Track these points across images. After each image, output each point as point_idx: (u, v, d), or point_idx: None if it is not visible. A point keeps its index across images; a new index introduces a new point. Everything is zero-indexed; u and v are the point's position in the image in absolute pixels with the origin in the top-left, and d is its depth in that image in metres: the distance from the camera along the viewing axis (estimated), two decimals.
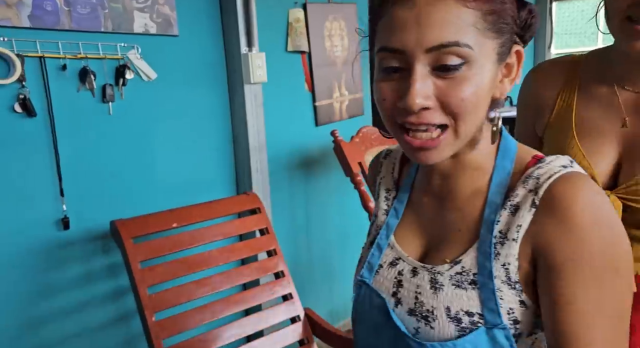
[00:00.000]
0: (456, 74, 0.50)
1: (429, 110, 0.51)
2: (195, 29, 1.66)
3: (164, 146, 1.61)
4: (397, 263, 0.64)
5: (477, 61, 0.51)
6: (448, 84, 0.50)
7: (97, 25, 1.37)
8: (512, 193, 0.55)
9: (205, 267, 1.48)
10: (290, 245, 2.08)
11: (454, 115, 0.52)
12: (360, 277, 0.67)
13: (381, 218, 0.71)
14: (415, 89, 0.50)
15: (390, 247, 0.66)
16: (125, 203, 1.51)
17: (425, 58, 0.50)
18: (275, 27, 1.93)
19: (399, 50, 0.51)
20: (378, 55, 0.54)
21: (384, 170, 0.74)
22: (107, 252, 1.50)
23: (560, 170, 0.53)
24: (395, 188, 0.72)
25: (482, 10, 0.50)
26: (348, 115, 2.32)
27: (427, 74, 0.51)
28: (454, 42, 0.49)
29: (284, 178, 2.03)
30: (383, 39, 0.53)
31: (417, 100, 0.50)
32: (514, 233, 0.54)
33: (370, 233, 0.73)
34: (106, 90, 1.41)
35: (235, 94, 1.79)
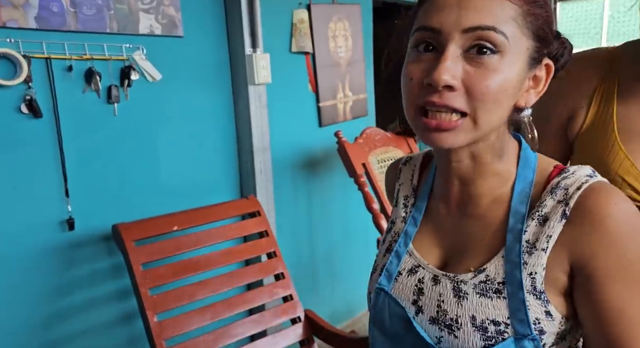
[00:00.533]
0: (486, 60, 0.51)
1: (453, 92, 0.51)
2: (200, 30, 1.66)
3: (169, 147, 1.62)
4: (417, 271, 0.64)
5: (509, 54, 0.51)
6: (476, 71, 0.51)
7: (103, 26, 1.37)
8: (539, 204, 0.55)
9: (206, 269, 1.49)
10: (294, 246, 2.08)
11: (476, 102, 0.51)
12: (378, 284, 0.67)
13: (399, 226, 0.70)
14: (445, 65, 0.50)
15: (409, 254, 0.66)
16: (130, 204, 1.52)
17: (460, 39, 0.51)
18: (280, 28, 1.93)
19: (435, 29, 0.52)
20: (413, 38, 0.54)
21: (402, 177, 0.74)
22: (112, 253, 1.50)
23: (588, 180, 0.54)
24: (413, 195, 0.71)
25: (524, 8, 0.52)
26: (352, 116, 2.32)
27: (458, 57, 0.51)
28: (492, 26, 0.50)
29: (287, 179, 2.04)
30: (421, 20, 0.54)
31: (444, 76, 0.50)
32: (543, 244, 0.54)
33: (385, 240, 0.72)
34: (111, 91, 1.41)
35: (240, 95, 1.79)
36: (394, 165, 0.77)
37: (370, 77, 2.43)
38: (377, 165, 2.02)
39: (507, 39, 0.50)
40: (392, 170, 0.77)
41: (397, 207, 0.72)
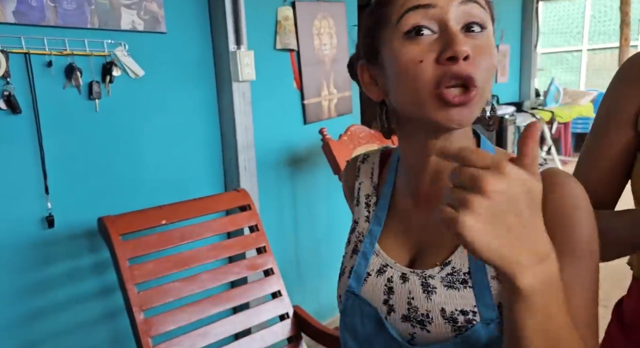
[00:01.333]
0: (480, 36, 0.53)
1: (468, 62, 0.51)
2: (184, 27, 1.65)
3: (152, 143, 1.61)
4: (385, 271, 0.64)
5: (488, 30, 0.55)
6: (476, 44, 0.52)
7: (84, 22, 1.36)
8: None
9: (194, 265, 1.47)
10: (278, 243, 2.08)
11: (482, 73, 0.52)
12: (348, 287, 0.66)
13: (363, 226, 0.70)
14: (460, 37, 0.51)
15: (376, 254, 0.66)
16: (113, 200, 1.51)
17: (456, 12, 0.52)
18: (264, 25, 1.93)
19: (431, 5, 0.52)
20: (402, 20, 0.53)
21: (362, 175, 0.73)
22: (94, 250, 1.49)
23: (540, 167, 0.56)
24: (375, 193, 0.71)
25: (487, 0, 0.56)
26: (337, 114, 2.33)
27: (460, 31, 0.52)
28: (478, 1, 0.53)
29: (272, 176, 2.04)
30: (408, 3, 0.53)
31: (464, 46, 0.50)
32: None
33: (350, 241, 0.72)
34: (92, 87, 1.40)
35: (224, 92, 1.78)
36: (352, 163, 0.76)
37: None
38: None
39: (488, 13, 0.55)
40: (351, 168, 0.76)
41: (359, 206, 0.71)
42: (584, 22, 8.21)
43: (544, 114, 3.94)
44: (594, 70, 8.12)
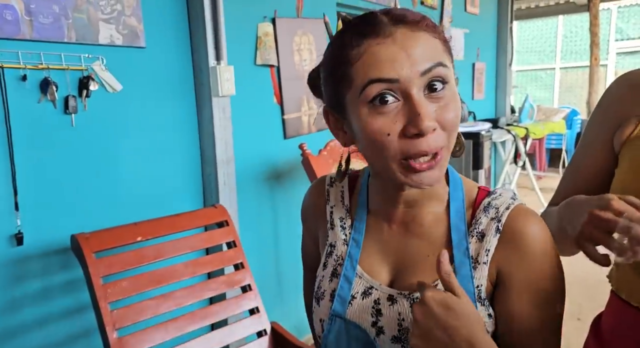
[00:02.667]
0: (442, 94, 0.55)
1: (434, 133, 0.54)
2: (163, 41, 1.65)
3: (129, 159, 1.59)
4: (370, 293, 0.64)
5: (451, 82, 0.56)
6: (441, 106, 0.55)
7: (60, 36, 1.35)
8: (475, 221, 0.62)
9: (171, 282, 1.45)
10: (258, 258, 2.06)
11: (449, 132, 0.56)
12: (332, 311, 0.66)
13: (341, 249, 0.69)
14: (425, 111, 0.53)
15: (359, 276, 0.66)
16: (88, 217, 1.48)
17: (420, 82, 0.54)
18: (244, 40, 1.94)
19: (393, 79, 0.53)
20: (367, 91, 0.54)
21: (332, 199, 0.73)
22: (67, 268, 1.45)
23: (513, 202, 0.61)
24: (349, 216, 0.71)
25: (443, 39, 0.57)
26: (317, 129, 2.35)
27: (424, 98, 0.54)
28: (440, 62, 0.54)
29: (251, 191, 2.03)
30: (371, 73, 0.54)
31: (429, 122, 0.53)
32: (483, 257, 0.60)
33: (327, 264, 0.71)
34: (69, 102, 1.38)
35: (203, 107, 1.78)
36: (318, 188, 0.76)
37: None
38: None
39: (448, 69, 0.56)
40: (317, 193, 0.76)
41: (335, 229, 0.71)
42: (557, 42, 8.51)
43: (519, 130, 4.05)
44: (567, 87, 8.40)
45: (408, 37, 0.54)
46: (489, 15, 4.19)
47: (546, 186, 5.32)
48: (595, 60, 6.00)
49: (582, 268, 0.70)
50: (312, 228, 0.78)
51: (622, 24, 7.96)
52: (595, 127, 0.81)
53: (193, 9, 1.72)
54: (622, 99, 0.77)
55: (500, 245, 0.59)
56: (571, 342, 1.00)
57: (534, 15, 6.17)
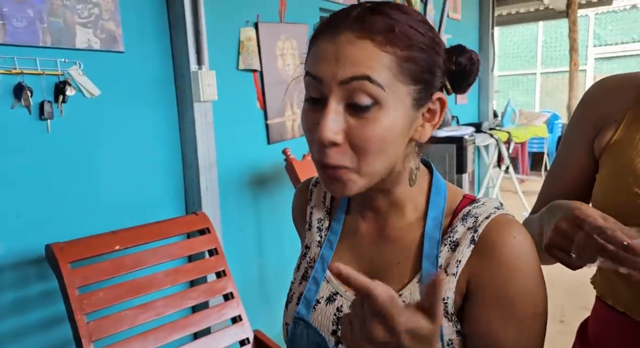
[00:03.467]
0: (367, 115, 0.52)
1: (338, 148, 0.53)
2: (143, 46, 1.62)
3: (108, 165, 1.55)
4: (334, 299, 0.63)
5: (388, 103, 0.52)
6: (358, 123, 0.52)
7: (35, 40, 1.31)
8: (451, 230, 0.58)
9: (150, 291, 1.42)
10: (241, 265, 2.04)
11: (359, 155, 0.53)
12: (297, 314, 0.65)
13: (315, 251, 0.69)
14: (327, 123, 0.51)
15: (327, 280, 0.65)
16: (64, 226, 1.44)
17: (340, 91, 0.52)
18: (227, 45, 1.93)
19: (318, 78, 0.53)
20: (304, 80, 0.56)
21: (314, 199, 0.72)
22: (42, 278, 1.41)
23: (495, 211, 0.57)
24: (327, 218, 0.70)
25: (397, 55, 0.52)
26: (300, 134, 2.33)
27: (341, 110, 0.52)
28: (366, 76, 0.50)
29: (235, 197, 2.01)
30: (308, 65, 0.55)
31: (326, 133, 0.51)
32: (453, 269, 0.56)
33: (299, 267, 0.70)
34: (44, 107, 1.35)
35: (185, 112, 1.76)
36: (304, 187, 0.76)
37: None
38: None
39: (383, 89, 0.51)
40: (302, 192, 0.75)
41: (311, 230, 0.71)
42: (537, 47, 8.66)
43: (502, 134, 4.09)
44: (547, 92, 8.55)
45: (348, 43, 0.51)
46: (471, 21, 4.25)
47: (529, 189, 5.40)
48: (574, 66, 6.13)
49: (563, 269, 0.68)
50: (300, 232, 0.78)
51: (600, 30, 8.15)
52: (575, 132, 0.81)
53: (174, 13, 1.70)
54: (599, 105, 0.77)
55: (474, 256, 0.56)
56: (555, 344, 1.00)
57: (514, 21, 6.27)
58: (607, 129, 0.75)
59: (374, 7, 0.54)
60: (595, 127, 0.77)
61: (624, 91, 0.75)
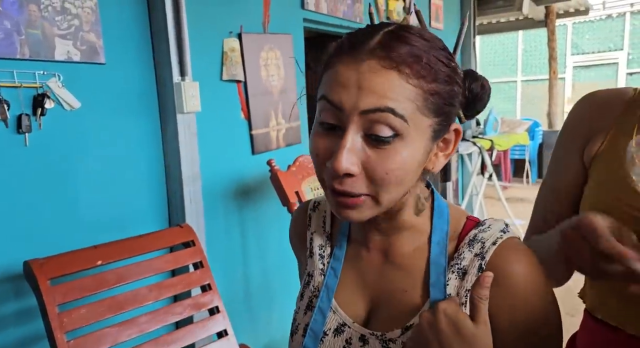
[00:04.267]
0: (387, 146, 0.50)
1: (354, 178, 0.51)
2: (124, 57, 1.61)
3: (89, 179, 1.52)
4: (343, 331, 0.61)
5: (409, 136, 0.51)
6: (377, 155, 0.51)
7: (12, 52, 1.28)
8: (457, 256, 0.57)
9: (133, 307, 1.39)
10: (226, 278, 2.01)
11: (377, 186, 0.52)
12: (303, 347, 0.63)
13: (318, 279, 0.67)
14: (343, 154, 0.50)
15: (333, 311, 0.63)
16: (44, 242, 1.40)
17: (360, 120, 0.50)
18: (210, 56, 1.92)
19: (337, 105, 0.51)
20: (319, 103, 0.54)
21: (314, 225, 0.70)
22: (20, 295, 1.37)
23: (502, 235, 0.56)
24: (329, 243, 0.68)
25: (424, 89, 0.50)
26: (285, 144, 2.33)
27: (359, 140, 0.51)
28: (390, 108, 0.49)
29: (219, 209, 1.98)
30: (325, 89, 0.53)
31: (343, 165, 0.50)
32: (462, 298, 0.56)
33: (304, 295, 0.68)
34: (22, 121, 1.32)
35: (168, 124, 1.74)
36: (301, 212, 0.74)
37: (303, 105, 2.47)
38: (311, 193, 2.03)
39: (406, 122, 0.50)
40: (301, 218, 0.73)
41: (313, 257, 0.68)
42: (517, 56, 8.84)
43: (484, 142, 4.15)
44: (528, 99, 8.72)
45: (373, 71, 0.49)
46: (452, 30, 4.31)
47: (512, 196, 5.47)
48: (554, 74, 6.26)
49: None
50: (299, 256, 0.75)
51: (577, 39, 8.36)
52: (565, 146, 0.83)
53: (156, 24, 1.68)
54: (587, 118, 0.80)
55: None
56: None
57: (495, 30, 6.40)
58: (595, 140, 0.77)
59: (396, 33, 0.52)
60: (584, 140, 0.79)
61: (611, 105, 0.77)
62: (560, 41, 7.28)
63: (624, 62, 7.90)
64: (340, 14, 2.68)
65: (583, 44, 8.31)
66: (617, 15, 7.92)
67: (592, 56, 8.19)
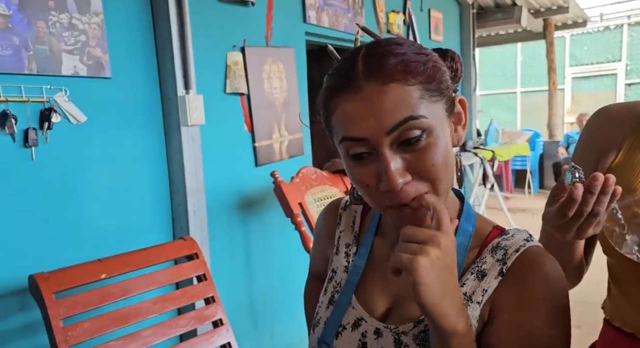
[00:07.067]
0: (420, 145, 0.53)
1: (409, 183, 0.53)
2: (130, 71, 1.63)
3: (94, 192, 1.53)
4: (360, 324, 0.63)
5: (434, 126, 0.53)
6: (416, 155, 0.53)
7: (20, 67, 1.30)
8: (479, 260, 0.59)
9: (137, 320, 1.38)
10: (230, 290, 2.01)
11: (430, 179, 0.54)
12: (321, 337, 0.65)
13: (341, 276, 0.69)
14: (391, 170, 0.52)
15: (352, 307, 0.65)
16: (49, 255, 1.40)
17: (388, 138, 0.52)
18: (214, 69, 1.94)
19: (362, 139, 0.53)
20: (343, 145, 0.55)
21: (343, 223, 0.73)
22: (24, 309, 1.36)
23: (525, 243, 0.58)
24: (355, 243, 0.71)
25: (422, 82, 0.53)
26: (288, 156, 2.34)
27: (394, 152, 0.53)
28: (409, 117, 0.51)
29: (223, 221, 1.99)
30: (343, 130, 0.54)
31: (397, 181, 0.52)
32: (479, 297, 0.57)
33: (326, 290, 0.71)
34: (29, 135, 1.33)
35: (172, 137, 1.75)
36: (333, 209, 0.76)
37: (305, 117, 2.48)
38: (314, 204, 2.03)
39: (427, 118, 0.53)
40: (331, 214, 0.76)
41: (339, 255, 0.71)
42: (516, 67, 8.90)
43: (486, 153, 4.16)
44: (528, 110, 8.76)
45: (376, 93, 0.51)
46: (452, 42, 4.35)
47: (514, 207, 5.46)
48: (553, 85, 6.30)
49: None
50: (321, 246, 0.79)
51: (576, 50, 8.43)
52: (580, 158, 0.86)
53: (161, 38, 1.71)
54: (601, 132, 0.83)
55: (501, 287, 0.56)
56: None
57: (494, 42, 6.46)
58: (609, 154, 0.80)
59: (371, 52, 0.54)
60: (599, 153, 0.82)
61: (622, 119, 0.80)
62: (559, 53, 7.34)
63: (622, 73, 7.96)
64: (341, 27, 2.71)
65: (581, 56, 8.37)
66: (615, 27, 8.00)
67: (591, 67, 8.25)
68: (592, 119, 0.85)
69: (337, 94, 0.54)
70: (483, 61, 8.85)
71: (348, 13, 2.76)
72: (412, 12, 3.51)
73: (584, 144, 0.86)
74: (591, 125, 0.85)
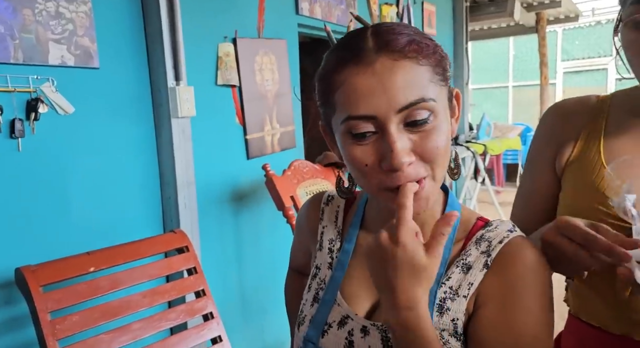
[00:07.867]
0: (425, 127, 0.53)
1: (412, 164, 0.53)
2: (119, 62, 1.60)
3: (82, 184, 1.51)
4: (346, 322, 0.62)
5: (439, 109, 0.54)
6: (421, 136, 0.53)
7: (5, 57, 1.27)
8: (464, 252, 0.59)
9: (126, 314, 1.37)
10: (221, 283, 2.00)
11: (432, 163, 0.54)
12: (306, 336, 0.64)
13: (325, 272, 0.68)
14: (398, 148, 0.51)
15: (338, 304, 0.64)
16: (36, 248, 1.38)
17: (397, 118, 0.52)
18: (205, 60, 1.91)
19: (369, 116, 0.52)
20: (344, 125, 0.54)
21: (326, 219, 0.72)
22: (11, 303, 1.35)
23: (509, 234, 0.58)
24: (339, 238, 0.69)
25: (432, 64, 0.53)
26: (280, 148, 2.33)
27: (401, 131, 0.52)
28: (421, 98, 0.51)
29: (214, 214, 1.98)
30: (349, 108, 0.53)
31: (402, 159, 0.51)
32: (464, 290, 0.57)
33: (310, 287, 0.69)
34: (15, 125, 1.30)
35: (162, 129, 1.73)
36: (314, 204, 0.74)
37: (297, 110, 2.47)
38: (306, 197, 2.02)
39: (435, 101, 0.53)
40: (313, 208, 0.74)
41: (322, 251, 0.70)
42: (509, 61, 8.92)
43: (477, 146, 4.18)
44: (520, 105, 8.79)
45: (388, 68, 0.51)
46: (445, 36, 4.35)
47: (505, 200, 5.50)
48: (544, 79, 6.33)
49: None
50: (303, 241, 0.77)
51: (567, 45, 8.46)
52: (536, 157, 0.85)
53: (151, 28, 1.68)
54: (556, 127, 0.82)
55: (486, 279, 0.56)
56: None
57: (486, 36, 6.46)
58: (566, 147, 0.79)
59: (380, 29, 0.54)
60: (555, 148, 0.81)
61: (577, 113, 0.80)
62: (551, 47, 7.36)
63: (613, 68, 8.01)
64: (334, 19, 2.69)
65: (573, 50, 8.41)
66: (606, 22, 8.03)
67: (582, 62, 8.29)
68: (546, 116, 0.85)
69: (344, 67, 0.53)
70: (476, 55, 8.85)
71: (341, 5, 2.74)
72: (410, 6, 3.49)
73: (540, 140, 0.85)
74: (546, 120, 0.85)
